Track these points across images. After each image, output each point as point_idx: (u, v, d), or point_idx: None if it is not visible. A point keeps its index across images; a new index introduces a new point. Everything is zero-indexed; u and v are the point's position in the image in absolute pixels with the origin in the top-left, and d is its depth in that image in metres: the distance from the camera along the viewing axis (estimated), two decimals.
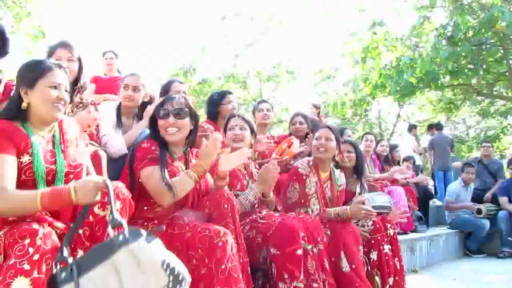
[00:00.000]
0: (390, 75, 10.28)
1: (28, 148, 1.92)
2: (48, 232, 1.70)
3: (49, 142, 2.04)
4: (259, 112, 4.30)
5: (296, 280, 2.57)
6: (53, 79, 1.99)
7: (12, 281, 1.55)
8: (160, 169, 2.34)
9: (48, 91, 1.97)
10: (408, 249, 5.11)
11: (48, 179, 1.95)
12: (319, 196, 3.34)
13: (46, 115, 1.99)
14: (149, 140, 2.48)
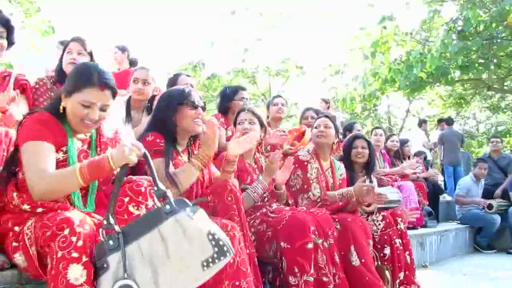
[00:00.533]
0: (400, 70, 10.23)
1: (64, 145, 1.94)
2: (82, 217, 1.73)
3: (85, 143, 2.05)
4: (274, 106, 4.36)
5: (306, 274, 2.57)
6: (86, 97, 1.92)
7: (67, 270, 1.60)
8: (164, 162, 2.33)
9: (78, 107, 1.92)
10: (418, 244, 5.09)
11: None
12: (321, 181, 3.37)
13: (74, 127, 1.99)
14: (153, 133, 2.45)
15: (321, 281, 2.67)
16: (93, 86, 1.93)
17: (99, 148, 2.08)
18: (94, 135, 2.10)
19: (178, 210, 1.64)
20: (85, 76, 1.95)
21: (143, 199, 1.91)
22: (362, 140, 4.02)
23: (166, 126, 2.48)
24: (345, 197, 3.25)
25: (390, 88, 11.15)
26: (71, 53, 2.91)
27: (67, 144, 1.94)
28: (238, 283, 2.07)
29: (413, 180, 5.96)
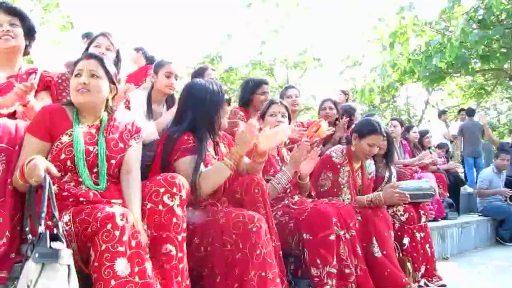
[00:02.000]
0: (419, 60, 10.11)
1: (68, 128, 2.05)
2: (123, 211, 1.81)
3: (92, 127, 2.13)
4: (288, 98, 4.18)
5: (328, 266, 2.59)
6: (77, 67, 2.12)
7: (114, 263, 1.70)
8: (195, 160, 2.35)
9: (73, 80, 2.12)
10: (439, 237, 5.06)
11: (88, 160, 2.04)
12: (351, 186, 3.34)
13: (74, 102, 2.12)
14: (186, 132, 2.43)
15: (343, 272, 2.69)
16: (83, 59, 2.15)
17: (106, 131, 2.15)
18: (104, 120, 2.18)
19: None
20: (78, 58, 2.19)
21: (177, 191, 2.01)
22: None
23: (207, 122, 2.48)
24: (374, 203, 3.23)
25: (409, 79, 11.05)
26: (99, 47, 2.95)
27: (73, 128, 2.06)
28: (264, 274, 2.10)
29: (433, 172, 5.92)
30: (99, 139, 2.11)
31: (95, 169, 2.06)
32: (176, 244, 1.98)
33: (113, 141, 2.14)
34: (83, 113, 2.14)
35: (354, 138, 3.40)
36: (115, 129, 2.19)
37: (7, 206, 1.97)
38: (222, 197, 2.48)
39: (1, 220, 1.95)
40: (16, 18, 2.47)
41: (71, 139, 2.03)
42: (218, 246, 2.24)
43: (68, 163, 2.00)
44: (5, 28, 2.42)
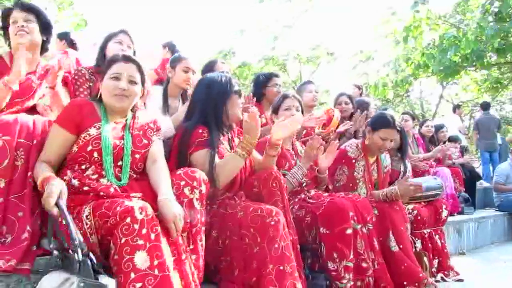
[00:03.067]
0: (433, 54, 10.01)
1: (97, 122, 2.09)
2: (142, 204, 1.82)
3: (118, 124, 2.17)
4: (308, 93, 4.16)
5: (346, 260, 2.59)
6: (114, 70, 2.12)
7: (133, 256, 1.72)
8: (210, 154, 2.36)
9: (108, 82, 2.12)
10: (455, 232, 5.02)
11: (113, 153, 2.07)
12: (366, 180, 3.33)
13: (110, 105, 2.14)
14: (200, 126, 2.45)
15: (360, 266, 2.68)
16: (118, 61, 2.16)
17: (132, 128, 2.19)
18: (129, 119, 2.21)
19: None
20: (112, 57, 2.22)
21: (197, 185, 2.05)
22: None
23: (215, 115, 2.49)
24: (390, 197, 3.21)
25: (423, 73, 10.94)
26: (121, 44, 2.96)
27: (101, 121, 2.10)
28: (282, 267, 2.10)
29: (449, 166, 5.88)
30: (125, 134, 2.15)
31: (119, 163, 2.09)
32: (190, 237, 2.01)
33: (137, 137, 2.18)
34: (111, 112, 2.17)
35: (368, 131, 3.39)
36: (139, 126, 2.23)
37: (27, 200, 2.01)
38: (240, 191, 2.48)
39: (22, 214, 1.99)
40: (31, 14, 2.49)
41: (99, 132, 2.06)
42: (236, 240, 2.25)
43: (95, 154, 2.04)
44: (20, 24, 2.44)
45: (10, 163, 2.01)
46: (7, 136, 2.02)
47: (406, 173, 3.98)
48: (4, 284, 1.82)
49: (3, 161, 2.00)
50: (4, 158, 2.00)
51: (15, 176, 2.02)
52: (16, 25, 2.45)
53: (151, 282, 1.69)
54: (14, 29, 2.45)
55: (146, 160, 2.20)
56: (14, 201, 1.99)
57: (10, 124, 2.07)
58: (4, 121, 2.08)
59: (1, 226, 1.95)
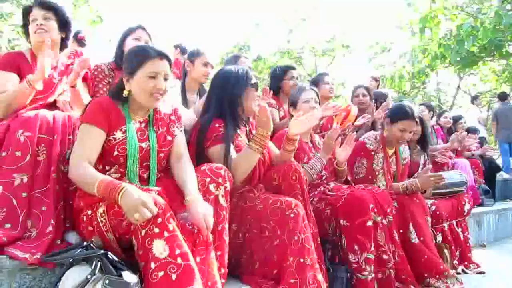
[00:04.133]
0: (450, 45, 9.87)
1: (122, 125, 2.03)
2: (155, 197, 1.80)
3: (142, 122, 2.13)
4: (326, 85, 4.19)
5: (366, 252, 2.57)
6: (152, 68, 2.01)
7: (151, 246, 1.71)
8: (225, 148, 2.36)
9: (146, 81, 2.00)
10: (475, 224, 4.96)
11: (140, 156, 2.05)
12: (385, 172, 3.30)
13: (144, 104, 2.07)
14: (214, 118, 2.46)
15: (381, 258, 2.67)
16: (154, 58, 2.02)
17: (155, 126, 2.16)
18: (151, 114, 2.17)
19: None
20: (144, 52, 2.05)
21: (222, 181, 2.07)
22: None
23: (230, 108, 2.49)
24: (410, 190, 3.18)
25: (440, 64, 10.80)
26: (139, 40, 2.98)
27: (126, 124, 2.04)
28: (303, 260, 2.09)
29: (468, 158, 5.80)
30: (149, 134, 2.12)
31: (144, 163, 2.08)
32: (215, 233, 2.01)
33: (162, 136, 2.16)
34: (135, 110, 2.11)
35: (387, 123, 3.36)
36: (162, 122, 2.19)
37: (50, 194, 2.04)
38: (259, 184, 2.48)
39: (45, 208, 2.01)
40: (50, 12, 2.51)
41: (124, 136, 2.02)
42: (256, 233, 2.26)
43: (121, 160, 2.02)
44: (39, 22, 2.47)
45: (32, 159, 2.05)
46: (29, 132, 2.06)
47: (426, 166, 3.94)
48: (31, 277, 1.85)
49: (25, 156, 2.03)
50: (26, 154, 2.04)
51: (37, 171, 2.05)
52: (35, 23, 2.48)
53: (173, 270, 1.67)
54: (33, 27, 2.48)
55: (170, 157, 2.20)
56: (37, 196, 2.02)
57: (31, 120, 2.10)
58: (25, 117, 2.11)
59: (26, 220, 1.99)
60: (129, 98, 2.08)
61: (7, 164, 2.02)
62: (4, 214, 1.96)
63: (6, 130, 2.10)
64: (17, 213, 1.98)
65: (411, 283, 2.82)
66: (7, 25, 9.74)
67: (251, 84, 2.53)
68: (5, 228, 1.94)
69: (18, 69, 2.42)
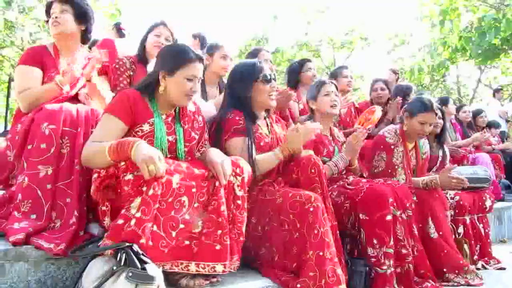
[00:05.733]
0: (471, 37, 9.71)
1: (150, 118, 2.08)
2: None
3: (169, 117, 2.18)
4: (344, 78, 4.24)
5: (385, 246, 2.56)
6: (192, 71, 2.10)
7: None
8: (246, 141, 2.39)
9: (185, 82, 2.09)
10: (496, 219, 4.90)
11: (165, 148, 2.10)
12: (405, 166, 3.28)
13: (177, 103, 2.15)
14: (233, 110, 2.51)
15: (400, 253, 2.65)
16: (195, 61, 2.11)
17: (182, 120, 2.21)
18: (177, 110, 2.22)
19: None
20: (185, 53, 2.12)
21: (240, 172, 2.09)
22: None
23: (243, 102, 2.54)
24: (429, 186, 3.15)
25: (461, 57, 10.64)
26: (159, 36, 3.02)
27: (154, 117, 2.08)
28: (322, 253, 2.10)
29: (489, 152, 5.72)
30: (176, 128, 2.17)
31: (169, 156, 2.11)
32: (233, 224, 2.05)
33: (187, 131, 2.21)
34: (163, 105, 2.16)
35: (406, 117, 3.33)
36: (188, 118, 2.25)
37: (74, 186, 2.08)
38: (278, 177, 2.49)
39: (69, 200, 2.06)
40: (67, 5, 2.55)
41: (152, 128, 2.07)
42: (275, 226, 2.27)
43: None
44: (55, 15, 2.52)
45: (56, 151, 2.09)
46: (53, 125, 2.10)
47: (445, 160, 3.90)
48: (56, 267, 1.90)
49: (50, 149, 2.08)
50: (50, 146, 2.08)
51: (61, 163, 2.10)
52: (53, 16, 2.53)
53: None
54: (51, 20, 2.53)
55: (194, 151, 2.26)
56: (62, 188, 2.07)
57: (55, 113, 2.14)
58: (49, 110, 2.15)
59: (51, 211, 2.03)
60: (158, 93, 2.14)
61: (33, 156, 2.07)
62: (30, 205, 2.01)
63: (30, 123, 2.15)
64: (42, 204, 2.03)
65: (430, 278, 2.80)
66: (28, 19, 9.86)
67: (260, 79, 2.55)
68: (30, 219, 1.99)
69: (42, 64, 2.47)
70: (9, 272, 1.81)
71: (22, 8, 9.76)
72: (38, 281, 1.87)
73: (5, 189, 2.23)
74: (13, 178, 2.19)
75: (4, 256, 1.81)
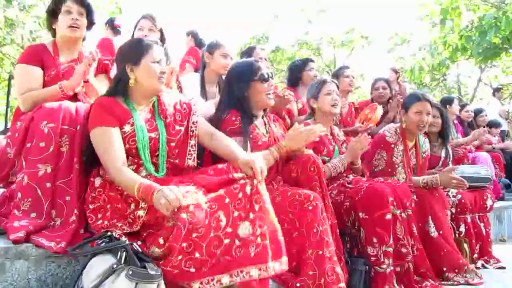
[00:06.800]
0: (472, 36, 9.70)
1: (129, 118, 2.07)
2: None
3: (148, 113, 2.17)
4: (346, 78, 4.24)
5: (385, 245, 2.57)
6: (155, 54, 2.14)
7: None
8: (243, 142, 2.38)
9: (152, 66, 2.11)
10: (496, 218, 4.91)
11: (151, 146, 2.09)
12: (405, 165, 3.28)
13: (152, 89, 2.15)
14: (229, 110, 2.50)
15: (400, 252, 2.66)
16: (153, 45, 2.17)
17: (161, 114, 2.19)
18: (156, 104, 2.21)
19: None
20: (142, 42, 2.19)
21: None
22: (433, 110, 3.86)
23: (240, 102, 2.53)
24: (430, 185, 3.16)
25: (461, 56, 10.62)
26: (142, 30, 3.05)
27: (132, 117, 2.08)
28: (321, 252, 2.11)
29: (489, 151, 5.73)
30: (157, 124, 2.16)
31: (156, 153, 2.11)
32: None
33: (170, 125, 2.18)
34: (138, 100, 2.16)
35: (402, 114, 3.36)
36: (168, 112, 2.22)
37: (74, 184, 2.09)
38: (278, 176, 2.49)
39: (69, 198, 2.06)
40: (83, 8, 2.54)
41: (133, 128, 2.06)
42: None
43: (133, 151, 2.06)
44: (74, 17, 2.50)
45: (55, 149, 2.09)
46: (52, 123, 2.10)
47: (447, 160, 3.90)
48: (56, 265, 1.90)
49: (49, 147, 2.08)
50: (49, 145, 2.08)
51: (61, 162, 2.10)
52: (70, 17, 2.49)
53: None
54: (68, 20, 2.49)
55: (203, 140, 2.25)
56: (61, 186, 2.07)
57: (54, 111, 2.14)
58: (48, 108, 2.15)
59: (50, 210, 2.04)
60: (130, 89, 2.14)
61: (32, 154, 2.07)
62: (30, 204, 2.02)
63: (30, 121, 2.15)
64: (42, 202, 2.03)
65: (430, 277, 2.81)
66: (29, 16, 9.86)
67: (257, 78, 2.54)
68: (30, 217, 2.00)
69: (41, 62, 2.46)
70: (9, 270, 1.82)
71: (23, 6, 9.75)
72: (39, 279, 1.87)
73: (6, 187, 2.24)
74: (13, 175, 2.19)
75: (4, 254, 1.82)
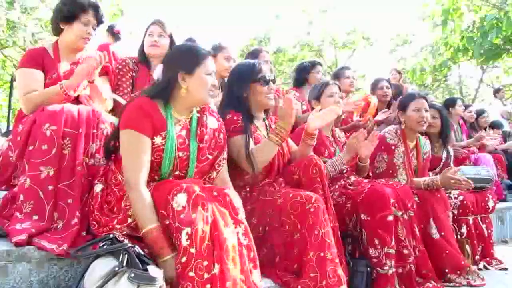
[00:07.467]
0: (473, 37, 9.70)
1: (163, 130, 1.99)
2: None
3: (183, 129, 2.09)
4: (346, 79, 4.27)
5: (387, 247, 2.57)
6: (210, 66, 2.10)
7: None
8: (244, 139, 2.38)
9: (205, 78, 2.06)
10: (498, 219, 4.89)
11: (175, 164, 2.02)
12: (406, 166, 3.28)
13: (200, 101, 2.08)
14: (230, 110, 2.50)
15: (401, 253, 2.66)
16: (209, 56, 2.14)
17: (199, 138, 2.11)
18: (194, 122, 2.13)
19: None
20: (200, 51, 2.13)
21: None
22: (432, 110, 3.83)
23: (240, 103, 2.53)
24: (431, 187, 3.15)
25: (463, 57, 10.63)
26: (152, 35, 3.01)
27: (167, 129, 2.00)
28: (323, 254, 2.10)
29: (491, 152, 5.71)
30: (190, 144, 2.08)
31: (176, 172, 2.04)
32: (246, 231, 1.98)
33: (202, 151, 2.10)
34: (180, 110, 2.09)
35: (401, 115, 3.38)
36: (207, 136, 2.15)
37: (76, 187, 2.09)
38: (279, 178, 2.50)
39: (71, 201, 2.07)
40: (96, 22, 2.59)
41: (163, 142, 1.98)
42: (276, 227, 2.27)
43: (154, 165, 1.98)
44: (90, 30, 2.55)
45: (57, 152, 2.09)
46: (54, 125, 2.11)
47: (449, 160, 3.89)
48: (58, 267, 1.91)
49: (51, 150, 2.09)
50: (52, 148, 2.09)
51: (63, 164, 2.10)
52: (86, 29, 2.53)
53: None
54: (83, 32, 2.53)
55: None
56: (63, 189, 2.08)
57: (56, 113, 2.14)
58: (50, 111, 2.15)
59: (53, 212, 2.04)
60: (175, 97, 2.07)
61: (34, 157, 2.07)
62: (32, 206, 2.02)
63: (32, 124, 2.16)
64: (44, 205, 2.03)
65: (432, 279, 2.81)
66: (31, 19, 9.88)
67: (258, 79, 2.54)
68: (33, 220, 2.00)
69: (42, 65, 2.47)
70: (11, 272, 1.82)
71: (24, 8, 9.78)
72: (41, 281, 1.87)
73: (8, 189, 2.24)
74: (15, 178, 2.19)
75: (6, 257, 1.82)
